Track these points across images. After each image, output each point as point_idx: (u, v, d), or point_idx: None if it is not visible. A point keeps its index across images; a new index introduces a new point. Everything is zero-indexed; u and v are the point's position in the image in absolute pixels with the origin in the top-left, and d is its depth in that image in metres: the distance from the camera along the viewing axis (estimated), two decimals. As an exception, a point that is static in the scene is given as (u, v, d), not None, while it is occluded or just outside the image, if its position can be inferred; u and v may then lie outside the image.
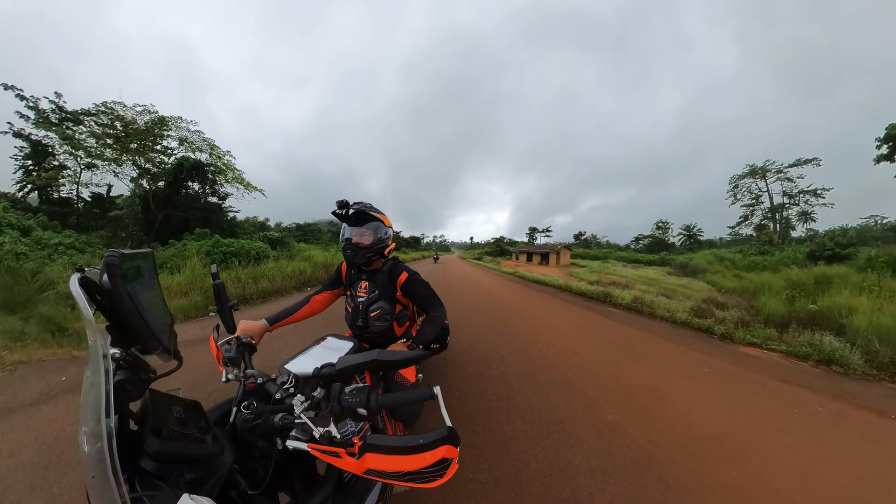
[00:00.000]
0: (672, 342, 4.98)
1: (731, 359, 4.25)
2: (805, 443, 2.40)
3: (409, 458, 0.56)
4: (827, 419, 2.76)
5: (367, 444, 0.59)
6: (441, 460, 0.55)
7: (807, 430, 2.58)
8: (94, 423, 0.48)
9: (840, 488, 1.95)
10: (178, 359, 0.80)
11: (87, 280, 0.58)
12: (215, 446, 0.71)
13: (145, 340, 0.65)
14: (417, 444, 0.56)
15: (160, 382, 0.71)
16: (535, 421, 2.55)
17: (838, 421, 2.74)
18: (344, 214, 1.59)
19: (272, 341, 4.10)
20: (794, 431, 2.55)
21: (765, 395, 3.18)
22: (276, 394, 0.90)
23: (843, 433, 2.56)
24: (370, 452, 0.58)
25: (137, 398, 0.65)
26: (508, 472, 1.97)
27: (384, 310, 1.70)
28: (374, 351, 0.70)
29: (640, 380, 3.45)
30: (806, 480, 2.01)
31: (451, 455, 0.55)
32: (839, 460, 2.21)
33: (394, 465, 0.56)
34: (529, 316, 6.76)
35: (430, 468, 0.55)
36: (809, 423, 2.70)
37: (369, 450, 0.59)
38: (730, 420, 2.68)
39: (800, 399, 3.13)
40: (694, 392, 3.19)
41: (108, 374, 0.53)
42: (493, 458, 2.09)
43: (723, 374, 3.70)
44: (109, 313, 0.60)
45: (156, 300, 0.79)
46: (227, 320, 1.01)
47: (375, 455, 0.58)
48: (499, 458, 2.09)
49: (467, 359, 3.90)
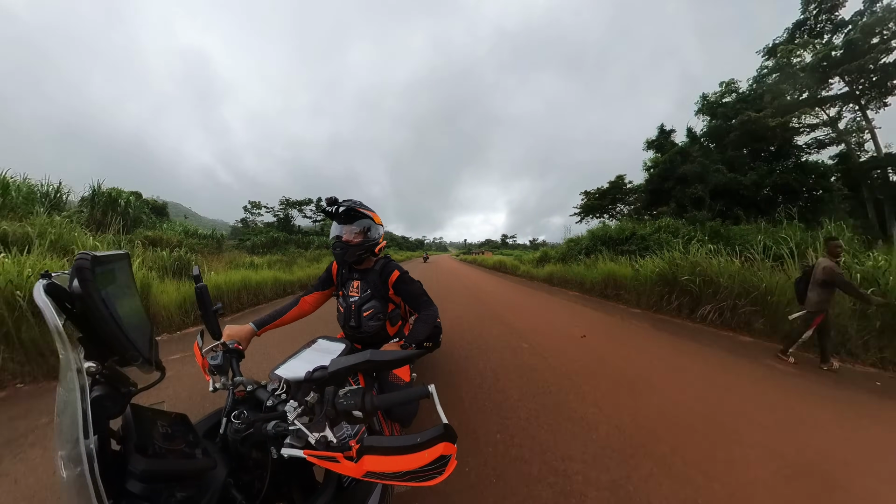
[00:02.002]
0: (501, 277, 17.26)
1: (528, 282, 14.28)
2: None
3: (408, 458, 0.55)
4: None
5: (364, 447, 0.58)
6: (440, 457, 0.54)
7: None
8: (72, 445, 0.43)
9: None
10: (161, 370, 0.74)
11: (54, 287, 0.52)
12: (206, 460, 0.66)
13: (123, 351, 0.59)
14: (415, 444, 0.55)
15: (142, 396, 0.65)
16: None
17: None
18: (334, 212, 1.55)
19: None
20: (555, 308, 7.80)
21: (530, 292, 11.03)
22: (267, 401, 0.87)
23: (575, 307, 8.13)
24: (368, 455, 0.57)
25: (118, 415, 0.59)
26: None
27: (377, 309, 1.67)
28: (367, 351, 0.68)
29: (491, 286, 12.49)
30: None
31: (450, 451, 0.55)
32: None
33: (393, 465, 0.55)
34: (462, 272, 21.18)
35: (429, 466, 0.55)
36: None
37: (367, 452, 0.57)
38: (526, 299, 9.59)
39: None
40: (519, 296, 10.10)
41: (83, 391, 0.48)
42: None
43: (525, 289, 11.66)
44: (82, 323, 0.55)
45: (133, 306, 0.73)
46: (212, 326, 0.95)
47: (374, 457, 0.57)
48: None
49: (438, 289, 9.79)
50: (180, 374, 3.25)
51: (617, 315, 6.77)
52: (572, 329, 5.44)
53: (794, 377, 3.57)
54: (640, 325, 5.87)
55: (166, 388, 2.85)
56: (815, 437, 2.40)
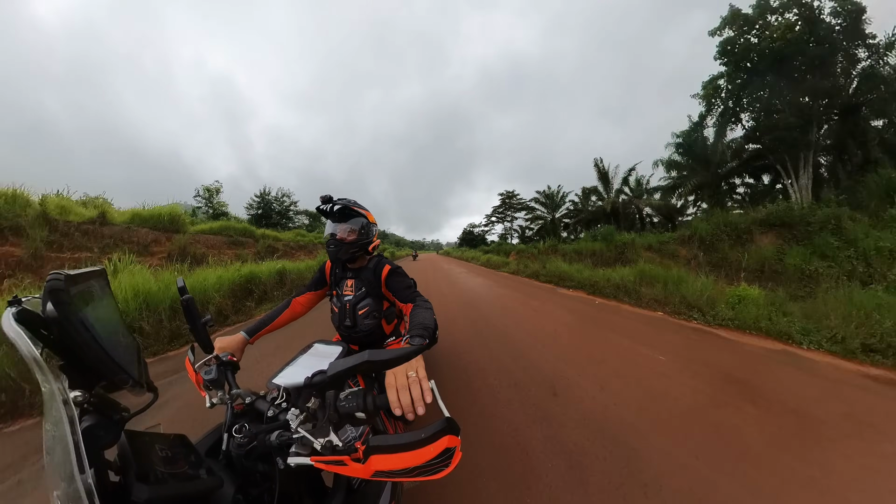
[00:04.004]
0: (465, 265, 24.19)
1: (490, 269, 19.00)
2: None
3: (414, 454, 0.55)
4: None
5: (370, 447, 0.58)
6: (445, 450, 0.55)
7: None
8: (67, 483, 0.40)
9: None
10: (153, 390, 0.70)
11: (26, 314, 0.48)
12: (212, 480, 0.64)
13: (111, 375, 0.56)
14: (420, 439, 0.55)
15: (136, 421, 0.61)
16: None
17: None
18: (328, 210, 1.56)
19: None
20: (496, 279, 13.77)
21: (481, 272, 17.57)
22: (268, 411, 0.84)
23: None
24: (375, 454, 0.57)
25: (112, 444, 0.56)
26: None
27: (371, 307, 1.65)
28: (366, 352, 0.66)
29: (460, 273, 16.97)
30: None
31: (454, 444, 0.56)
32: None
33: (400, 462, 0.56)
34: (441, 261, 34.93)
35: (436, 459, 0.55)
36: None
37: (374, 452, 0.57)
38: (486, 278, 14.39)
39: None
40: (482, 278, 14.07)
41: (73, 423, 0.44)
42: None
43: (481, 271, 17.65)
44: (62, 349, 0.51)
45: (115, 326, 0.68)
46: (203, 339, 0.91)
47: (381, 456, 0.57)
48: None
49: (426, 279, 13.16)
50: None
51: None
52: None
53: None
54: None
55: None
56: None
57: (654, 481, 1.80)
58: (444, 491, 1.73)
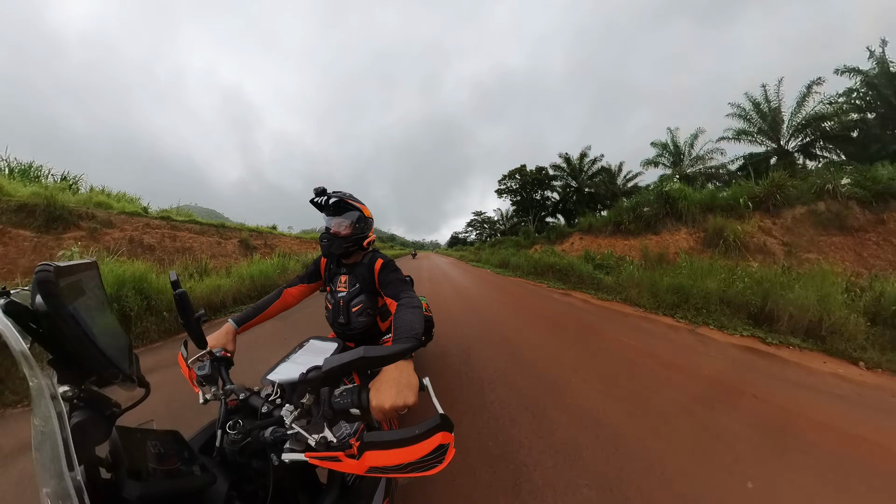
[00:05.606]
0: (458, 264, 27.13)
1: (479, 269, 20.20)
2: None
3: (408, 450, 0.55)
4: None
5: (365, 443, 0.58)
6: (438, 447, 0.55)
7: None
8: (57, 480, 0.39)
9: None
10: (144, 385, 0.69)
11: (15, 306, 0.46)
12: (205, 476, 0.63)
13: (101, 370, 0.54)
14: (414, 435, 0.55)
15: (128, 416, 0.60)
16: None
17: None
18: (323, 203, 1.47)
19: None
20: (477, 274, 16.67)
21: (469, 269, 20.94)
22: (262, 407, 0.83)
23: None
24: (369, 450, 0.57)
25: (103, 440, 0.54)
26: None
27: (366, 304, 1.62)
28: (361, 348, 0.66)
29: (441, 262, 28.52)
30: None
31: (447, 440, 0.56)
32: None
33: (394, 458, 0.56)
34: (434, 257, 48.76)
35: (429, 456, 0.55)
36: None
37: (368, 448, 0.57)
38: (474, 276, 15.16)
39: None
40: (468, 275, 15.25)
41: (62, 419, 0.43)
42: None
43: (470, 270, 18.79)
44: (50, 343, 0.49)
45: (106, 319, 0.67)
46: (196, 334, 0.89)
47: (375, 452, 0.57)
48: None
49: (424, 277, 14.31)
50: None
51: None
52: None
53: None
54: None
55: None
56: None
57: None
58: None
